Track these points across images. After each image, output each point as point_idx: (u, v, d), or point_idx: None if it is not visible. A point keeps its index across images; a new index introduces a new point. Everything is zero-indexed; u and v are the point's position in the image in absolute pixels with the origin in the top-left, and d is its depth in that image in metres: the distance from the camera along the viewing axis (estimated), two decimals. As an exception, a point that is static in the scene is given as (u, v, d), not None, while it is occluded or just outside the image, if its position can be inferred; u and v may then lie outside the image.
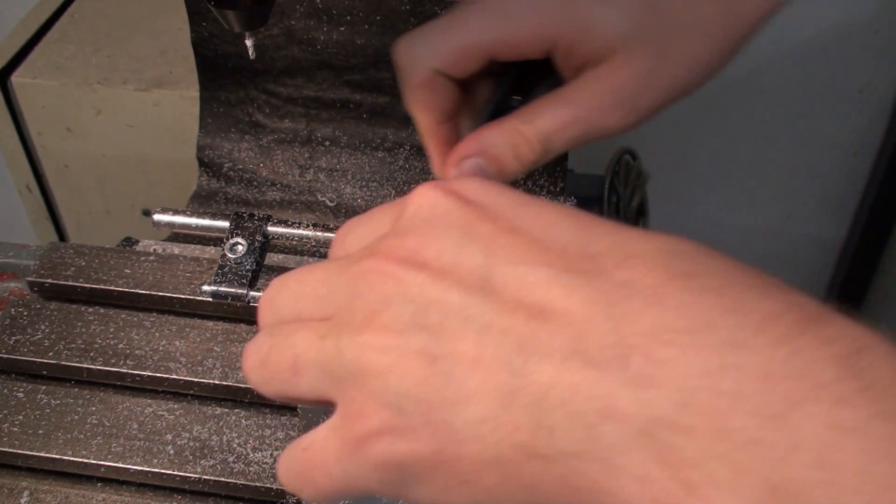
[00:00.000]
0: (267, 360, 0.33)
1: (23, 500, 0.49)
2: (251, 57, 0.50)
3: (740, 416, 0.24)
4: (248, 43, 0.49)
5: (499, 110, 0.50)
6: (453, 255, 0.29)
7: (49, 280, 0.57)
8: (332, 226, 0.57)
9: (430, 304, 0.28)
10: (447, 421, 0.28)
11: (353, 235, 0.35)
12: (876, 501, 0.23)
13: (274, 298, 0.34)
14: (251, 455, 0.49)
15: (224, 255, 0.55)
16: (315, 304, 0.32)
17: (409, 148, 0.70)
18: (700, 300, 0.26)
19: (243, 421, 0.51)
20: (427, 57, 0.45)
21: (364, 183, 0.70)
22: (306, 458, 0.32)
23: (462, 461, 0.28)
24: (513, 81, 0.52)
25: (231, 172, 0.71)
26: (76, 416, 0.51)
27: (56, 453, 0.50)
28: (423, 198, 0.31)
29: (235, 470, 0.49)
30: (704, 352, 0.25)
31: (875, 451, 0.23)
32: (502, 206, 0.30)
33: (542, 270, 0.28)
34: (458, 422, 0.28)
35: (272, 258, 0.62)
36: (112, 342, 0.55)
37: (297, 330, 0.32)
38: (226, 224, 0.57)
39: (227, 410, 0.52)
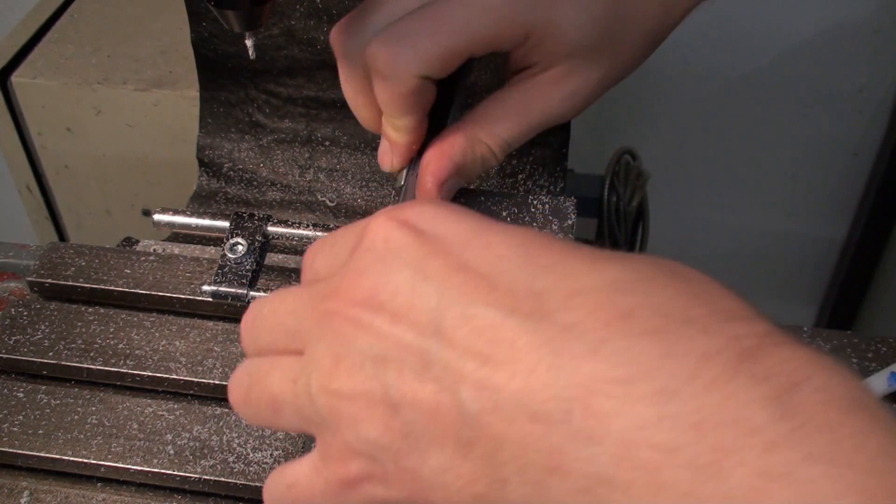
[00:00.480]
0: (248, 398, 0.34)
1: (23, 500, 0.49)
2: (251, 57, 0.50)
3: (674, 469, 0.24)
4: (248, 43, 0.49)
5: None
6: (407, 296, 0.29)
7: (49, 280, 0.57)
8: (331, 226, 0.57)
9: (389, 350, 0.29)
10: (415, 468, 0.29)
11: (320, 261, 0.35)
12: None
13: (251, 325, 0.36)
14: (251, 455, 0.49)
15: (224, 255, 0.55)
16: (286, 337, 0.34)
17: (409, 148, 0.70)
18: (637, 345, 0.26)
19: (243, 421, 0.51)
20: (415, 65, 0.44)
21: (364, 183, 0.70)
22: (292, 496, 0.34)
23: None
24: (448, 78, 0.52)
25: (231, 172, 0.71)
26: (76, 416, 0.51)
27: (56, 453, 0.50)
28: (378, 230, 0.31)
29: (235, 470, 0.49)
30: (640, 404, 0.25)
31: (804, 497, 0.23)
32: (453, 238, 0.31)
33: (489, 313, 0.28)
34: (425, 469, 0.29)
35: (272, 258, 0.62)
36: (112, 342, 0.55)
37: (272, 370, 0.33)
38: (226, 224, 0.57)
39: (227, 410, 0.52)
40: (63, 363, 0.53)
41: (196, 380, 0.53)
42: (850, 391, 0.25)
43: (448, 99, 0.50)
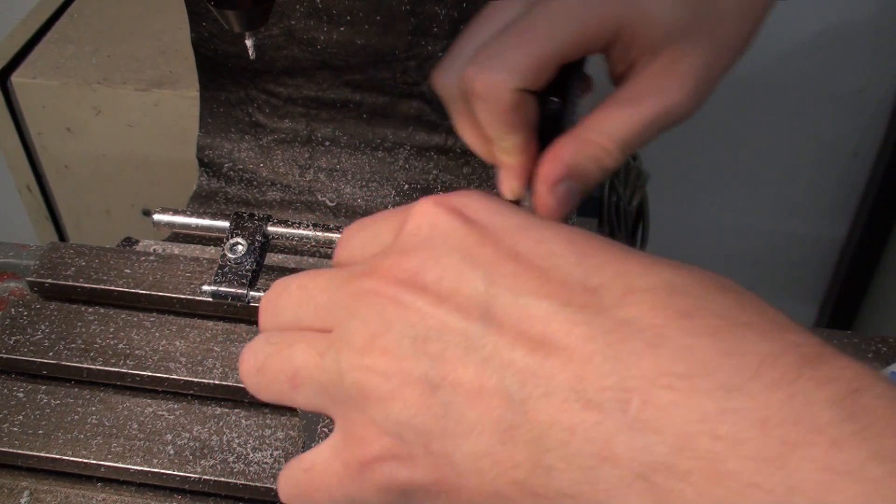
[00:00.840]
0: (265, 368, 0.33)
1: (23, 500, 0.49)
2: (251, 57, 0.50)
3: (737, 460, 0.24)
4: (248, 43, 0.49)
5: (547, 119, 0.49)
6: (454, 280, 0.29)
7: (49, 280, 0.57)
8: (332, 226, 0.57)
9: (431, 330, 0.28)
10: (447, 452, 0.28)
11: (357, 241, 0.34)
12: None
13: (276, 301, 0.34)
14: (251, 455, 0.49)
15: (224, 255, 0.55)
16: (315, 313, 0.32)
17: (409, 148, 0.70)
18: (699, 343, 0.26)
19: (243, 421, 0.51)
20: (511, 79, 0.44)
21: (364, 183, 0.70)
22: (309, 480, 0.33)
23: (461, 492, 0.29)
24: (557, 84, 0.51)
25: (231, 172, 0.71)
26: (76, 416, 0.51)
27: (56, 453, 0.50)
28: (425, 214, 0.31)
29: (235, 470, 0.49)
30: (702, 397, 0.25)
31: (871, 494, 0.23)
32: (504, 228, 0.30)
33: (543, 303, 0.27)
34: (458, 454, 0.28)
35: (272, 258, 0.62)
36: (112, 342, 0.55)
37: (296, 342, 0.32)
38: (226, 224, 0.56)
39: (227, 410, 0.52)
40: (63, 363, 0.53)
41: (196, 380, 0.53)
42: None
43: (558, 114, 0.50)
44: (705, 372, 0.25)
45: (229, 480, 0.48)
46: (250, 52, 0.50)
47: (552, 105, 0.49)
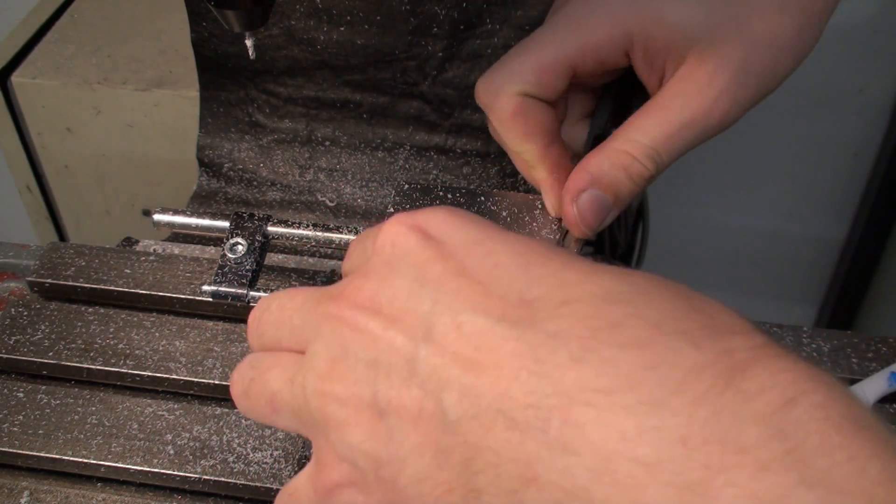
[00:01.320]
0: (249, 392, 0.34)
1: (23, 500, 0.49)
2: (251, 57, 0.50)
3: (656, 486, 0.23)
4: (248, 43, 0.49)
5: (599, 140, 0.49)
6: (404, 301, 0.29)
7: (49, 280, 0.57)
8: (332, 226, 0.57)
9: (381, 353, 0.29)
10: (393, 478, 0.29)
11: (355, 253, 0.36)
12: None
13: (259, 320, 0.35)
14: (251, 455, 0.49)
15: (224, 255, 0.55)
16: (291, 334, 0.34)
17: (409, 148, 0.70)
18: (623, 354, 0.25)
19: (243, 421, 0.51)
20: (510, 83, 0.44)
21: (364, 183, 0.70)
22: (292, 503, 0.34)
23: None
24: (608, 114, 0.51)
25: (231, 172, 0.71)
26: (76, 416, 0.51)
27: (56, 453, 0.50)
28: (388, 233, 0.32)
29: (235, 470, 0.49)
30: (622, 414, 0.24)
31: None
32: (459, 243, 0.30)
33: (479, 320, 0.28)
34: (402, 479, 0.29)
35: (272, 258, 0.62)
36: (112, 342, 0.55)
37: (273, 366, 0.33)
38: (226, 224, 0.56)
39: (227, 410, 0.52)
40: (63, 363, 0.53)
41: (196, 380, 0.53)
42: (850, 408, 0.23)
43: (602, 135, 0.49)
44: (627, 386, 0.24)
45: (229, 480, 0.48)
46: (250, 52, 0.50)
47: (607, 133, 0.48)
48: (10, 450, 0.50)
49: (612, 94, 0.51)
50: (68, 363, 0.53)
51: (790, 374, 0.24)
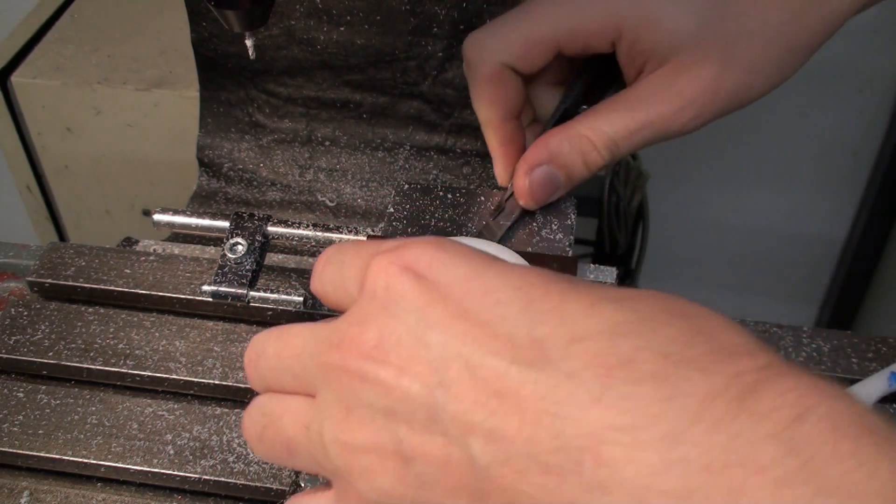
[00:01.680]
0: (263, 438, 0.35)
1: (23, 500, 0.49)
2: (251, 57, 0.50)
3: None
4: (248, 43, 0.49)
5: (565, 119, 0.50)
6: (410, 347, 0.29)
7: (49, 280, 0.57)
8: (332, 226, 0.57)
9: (397, 402, 0.29)
10: None
11: (327, 276, 0.35)
12: None
13: (257, 363, 0.36)
14: (251, 455, 0.49)
15: (224, 255, 0.55)
16: (294, 381, 0.34)
17: (409, 148, 0.70)
18: (640, 390, 0.26)
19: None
20: (497, 50, 0.44)
21: (364, 183, 0.70)
22: None
23: None
24: (581, 90, 0.51)
25: (231, 172, 0.71)
26: (76, 416, 0.51)
27: (56, 453, 0.50)
28: (379, 275, 0.31)
29: (235, 470, 0.49)
30: (647, 449, 0.25)
31: None
32: (452, 283, 0.30)
33: (492, 363, 0.28)
34: None
35: (272, 258, 0.62)
36: (112, 342, 0.55)
37: (284, 413, 0.34)
38: (226, 224, 0.56)
39: (227, 410, 0.52)
40: (63, 363, 0.53)
41: (196, 380, 0.53)
42: (856, 416, 0.25)
43: (570, 109, 0.50)
44: (649, 421, 0.25)
45: (229, 480, 0.48)
46: (250, 52, 0.50)
47: (581, 112, 0.49)
48: (10, 450, 0.50)
49: (589, 72, 0.51)
50: (68, 363, 0.53)
51: (796, 392, 0.25)
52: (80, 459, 0.49)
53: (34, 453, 0.50)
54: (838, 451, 0.23)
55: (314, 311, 0.55)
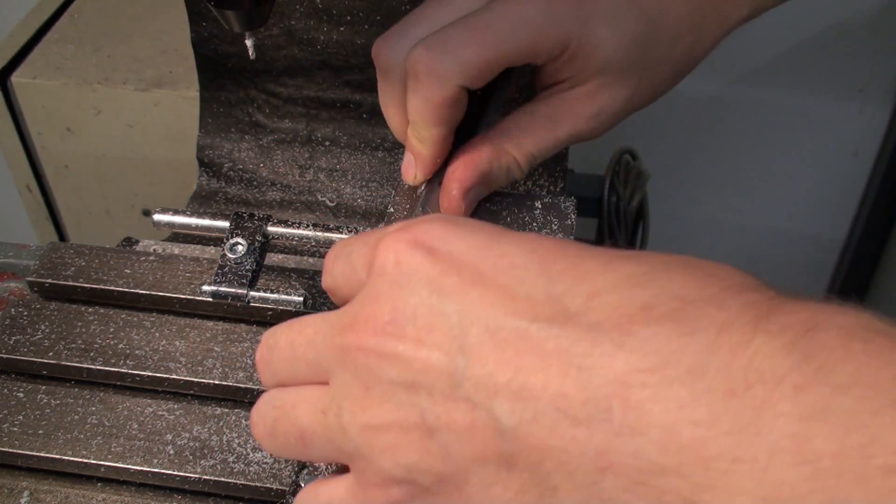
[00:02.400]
0: (275, 432, 0.34)
1: (23, 500, 0.49)
2: (251, 57, 0.50)
3: (718, 439, 0.25)
4: (248, 43, 0.49)
5: (474, 125, 0.50)
6: (426, 317, 0.29)
7: (49, 280, 0.57)
8: (332, 226, 0.57)
9: (418, 374, 0.29)
10: (459, 487, 0.29)
11: (338, 269, 0.35)
12: (860, 478, 0.23)
13: (269, 358, 0.35)
14: (251, 455, 0.49)
15: (224, 255, 0.55)
16: (308, 368, 0.33)
17: (409, 148, 0.70)
18: (661, 331, 0.27)
19: (243, 421, 0.51)
20: (456, 73, 0.44)
21: (364, 183, 0.70)
22: None
23: None
24: (484, 94, 0.52)
25: (231, 172, 0.71)
26: (76, 416, 0.51)
27: (56, 453, 0.50)
28: (388, 252, 0.31)
29: (235, 470, 0.49)
30: (675, 385, 0.26)
31: (845, 425, 0.23)
32: (465, 251, 0.30)
33: (512, 323, 0.28)
34: (469, 488, 0.29)
35: (272, 258, 0.62)
36: (112, 342, 0.55)
37: (298, 403, 0.33)
38: (226, 224, 0.56)
39: (227, 410, 0.52)
40: (63, 363, 0.53)
41: (196, 380, 0.53)
42: (866, 322, 0.26)
43: (479, 112, 0.50)
44: (672, 360, 0.26)
45: (229, 480, 0.48)
46: (250, 52, 0.50)
47: (479, 103, 0.49)
48: (10, 450, 0.50)
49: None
50: (68, 363, 0.53)
51: (807, 311, 0.26)
52: (80, 459, 0.49)
53: (34, 453, 0.50)
54: (850, 351, 0.24)
55: (314, 311, 0.55)
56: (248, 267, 0.54)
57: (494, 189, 0.50)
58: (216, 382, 0.52)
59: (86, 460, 0.49)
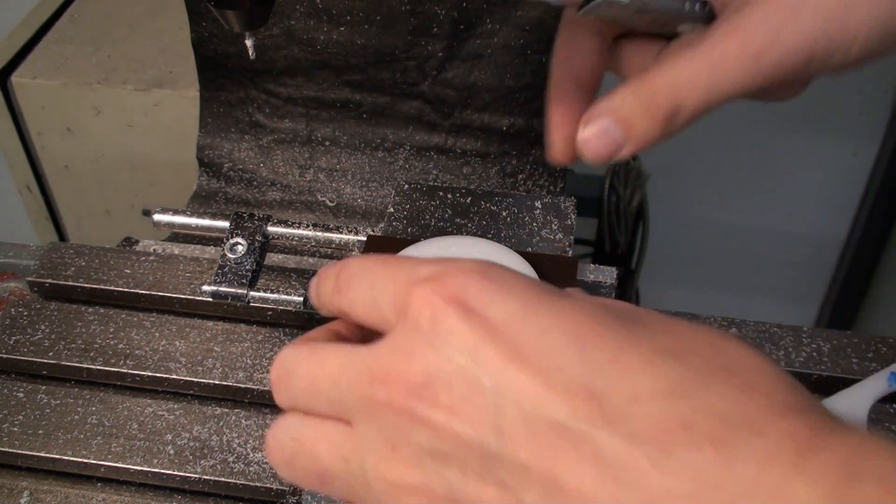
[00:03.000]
0: (293, 464, 0.34)
1: (23, 500, 0.49)
2: (251, 57, 0.50)
3: None
4: (248, 43, 0.49)
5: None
6: (463, 388, 0.29)
7: (49, 280, 0.57)
8: (332, 226, 0.57)
9: (448, 445, 0.29)
10: None
11: (357, 291, 0.34)
12: None
13: (287, 383, 0.34)
14: (251, 455, 0.49)
15: (224, 255, 0.55)
16: (330, 406, 0.33)
17: (409, 148, 0.70)
18: (700, 457, 0.26)
19: (243, 421, 0.51)
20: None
21: (364, 183, 0.70)
22: None
23: None
24: None
25: (231, 172, 0.71)
26: (76, 416, 0.51)
27: (56, 453, 0.50)
28: (424, 308, 0.30)
29: (235, 470, 0.49)
30: None
31: None
32: (506, 319, 0.30)
33: (548, 415, 0.28)
34: None
35: (272, 258, 0.62)
36: (112, 342, 0.55)
37: (319, 440, 0.33)
38: (226, 224, 0.56)
39: (227, 410, 0.52)
40: (63, 363, 0.53)
41: (196, 380, 0.53)
42: None
43: None
44: (710, 489, 0.26)
45: (229, 480, 0.48)
46: (250, 52, 0.50)
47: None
48: (10, 450, 0.50)
49: None
50: (68, 363, 0.53)
51: (847, 450, 0.26)
52: (80, 459, 0.49)
53: (34, 453, 0.50)
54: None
55: (314, 311, 0.55)
56: (248, 267, 0.54)
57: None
58: (216, 382, 0.52)
59: (86, 460, 0.49)
